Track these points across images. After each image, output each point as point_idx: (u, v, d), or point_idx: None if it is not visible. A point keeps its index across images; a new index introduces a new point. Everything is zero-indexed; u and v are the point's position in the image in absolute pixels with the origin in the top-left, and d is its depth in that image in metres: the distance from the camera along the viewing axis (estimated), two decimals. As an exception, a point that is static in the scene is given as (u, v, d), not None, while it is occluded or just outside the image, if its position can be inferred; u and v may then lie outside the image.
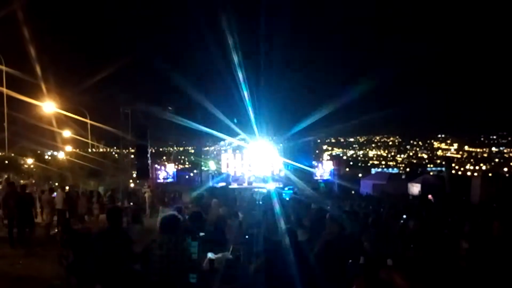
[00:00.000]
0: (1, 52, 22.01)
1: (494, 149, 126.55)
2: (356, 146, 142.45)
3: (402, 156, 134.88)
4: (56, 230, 11.15)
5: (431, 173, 39.06)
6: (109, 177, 26.15)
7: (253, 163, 25.87)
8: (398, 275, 3.10)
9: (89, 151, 30.45)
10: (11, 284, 7.02)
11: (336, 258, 4.56)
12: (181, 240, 4.11)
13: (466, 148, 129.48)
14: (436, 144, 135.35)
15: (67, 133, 28.59)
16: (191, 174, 35.58)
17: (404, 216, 8.48)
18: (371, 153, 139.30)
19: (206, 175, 26.13)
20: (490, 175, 31.24)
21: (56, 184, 22.46)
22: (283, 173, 25.93)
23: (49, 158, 35.39)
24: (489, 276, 4.29)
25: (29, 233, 10.13)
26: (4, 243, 9.90)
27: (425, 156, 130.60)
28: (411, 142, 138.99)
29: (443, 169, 30.78)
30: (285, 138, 26.98)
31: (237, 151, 26.17)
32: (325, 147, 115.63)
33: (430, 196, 17.72)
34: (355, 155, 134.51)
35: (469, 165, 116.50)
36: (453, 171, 49.99)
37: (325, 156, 68.53)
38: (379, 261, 4.43)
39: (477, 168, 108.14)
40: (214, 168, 26.55)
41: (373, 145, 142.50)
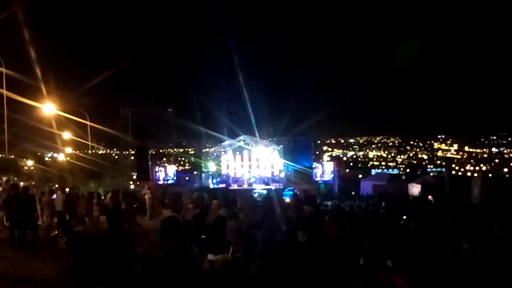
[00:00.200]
0: (1, 54, 22.08)
1: (494, 149, 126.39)
2: (356, 147, 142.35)
3: (402, 157, 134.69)
4: (56, 232, 11.13)
5: (431, 174, 39.07)
6: (109, 178, 26.14)
7: (253, 164, 25.91)
8: (398, 276, 3.10)
9: (89, 152, 30.44)
10: (11, 286, 7.01)
11: (336, 259, 4.56)
12: (181, 242, 4.12)
13: (466, 148, 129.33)
14: (436, 145, 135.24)
15: (67, 135, 28.67)
16: (191, 176, 35.56)
17: (404, 217, 8.46)
18: (371, 154, 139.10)
19: (206, 176, 26.15)
20: (490, 175, 31.27)
21: (56, 186, 22.45)
22: (283, 174, 25.97)
23: (49, 160, 35.34)
24: (489, 277, 4.30)
25: (32, 235, 10.10)
26: (5, 245, 9.88)
27: (425, 157, 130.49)
28: (411, 143, 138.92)
29: (443, 170, 30.77)
30: (285, 139, 27.03)
31: (237, 152, 26.22)
32: (325, 148, 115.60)
33: (430, 197, 17.67)
34: (355, 156, 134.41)
35: (469, 165, 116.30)
36: (453, 172, 50.00)
37: (325, 157, 68.56)
38: (379, 262, 4.43)
39: (477, 168, 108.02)
40: (214, 169, 26.58)
41: (373, 146, 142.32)
